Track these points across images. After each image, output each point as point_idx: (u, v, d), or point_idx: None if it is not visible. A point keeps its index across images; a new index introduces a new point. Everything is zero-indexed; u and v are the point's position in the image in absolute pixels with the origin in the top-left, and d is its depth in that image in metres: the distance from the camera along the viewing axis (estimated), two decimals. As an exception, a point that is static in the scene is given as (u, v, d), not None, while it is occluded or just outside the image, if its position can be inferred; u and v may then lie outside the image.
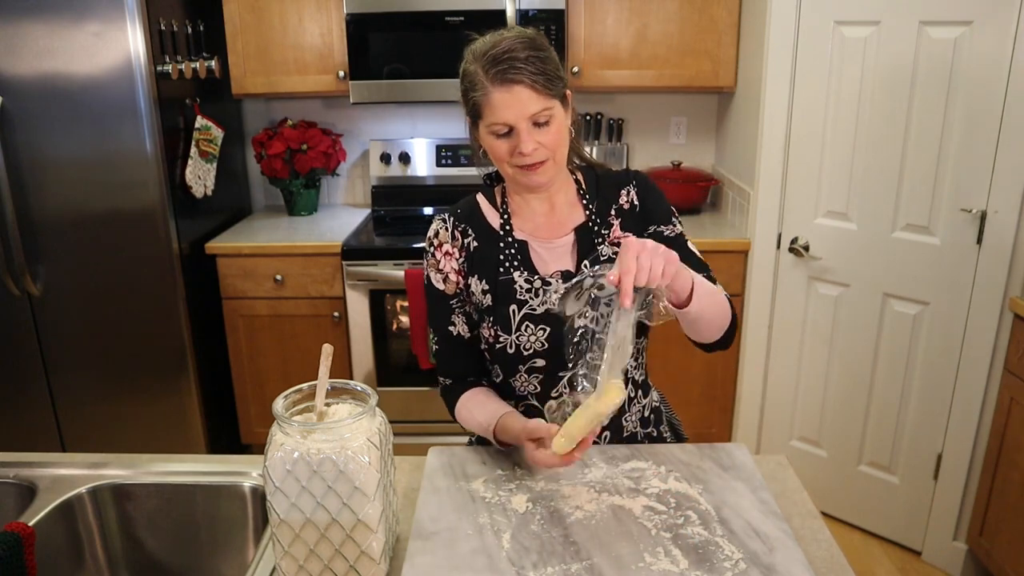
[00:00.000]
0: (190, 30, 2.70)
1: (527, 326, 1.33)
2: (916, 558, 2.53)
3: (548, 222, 1.38)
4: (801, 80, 2.46)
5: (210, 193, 2.80)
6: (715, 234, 2.79)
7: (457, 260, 1.38)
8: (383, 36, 2.80)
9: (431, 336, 1.44)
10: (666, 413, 1.53)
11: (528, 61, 1.20)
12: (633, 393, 1.41)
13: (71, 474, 1.31)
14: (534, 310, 1.33)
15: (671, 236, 1.37)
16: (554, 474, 1.26)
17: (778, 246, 2.64)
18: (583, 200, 1.39)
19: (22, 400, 2.69)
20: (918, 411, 2.43)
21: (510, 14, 2.66)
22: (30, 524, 1.16)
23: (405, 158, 3.18)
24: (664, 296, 1.10)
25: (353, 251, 2.75)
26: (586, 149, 1.50)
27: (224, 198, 3.00)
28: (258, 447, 3.03)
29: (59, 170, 2.47)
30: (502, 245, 1.36)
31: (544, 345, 1.33)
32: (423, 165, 3.20)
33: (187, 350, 2.69)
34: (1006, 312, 2.19)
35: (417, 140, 3.20)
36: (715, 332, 1.28)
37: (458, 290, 1.39)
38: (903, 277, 2.38)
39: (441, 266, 1.39)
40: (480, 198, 1.42)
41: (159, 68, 2.48)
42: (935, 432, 2.41)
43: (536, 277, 1.34)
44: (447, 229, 1.39)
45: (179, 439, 2.76)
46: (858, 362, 2.54)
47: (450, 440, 2.81)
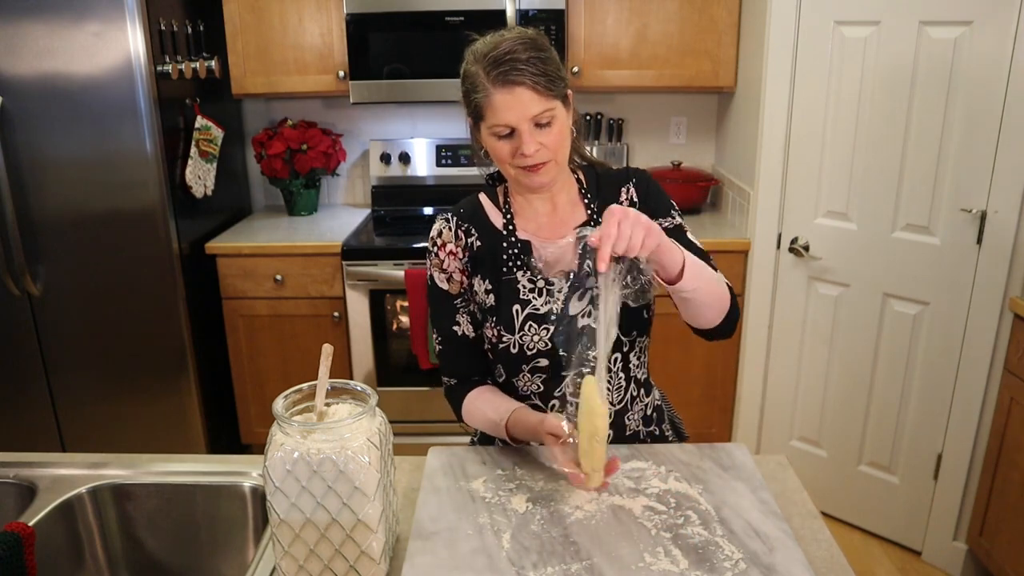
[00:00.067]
0: (190, 30, 2.70)
1: (530, 326, 1.33)
2: (916, 558, 2.53)
3: (551, 222, 1.38)
4: (801, 80, 2.46)
5: (210, 193, 2.80)
6: (715, 234, 2.79)
7: (461, 260, 1.38)
8: (383, 36, 2.80)
9: (434, 336, 1.44)
10: (667, 411, 1.53)
11: (530, 62, 1.20)
12: (636, 392, 1.41)
13: (71, 474, 1.31)
14: (537, 310, 1.32)
15: (669, 228, 1.36)
16: (557, 474, 1.26)
17: (778, 246, 2.64)
18: (585, 199, 1.39)
19: (22, 400, 2.69)
20: (918, 411, 2.43)
21: (510, 14, 2.66)
22: (30, 524, 1.16)
23: (405, 158, 3.18)
24: (650, 271, 1.10)
25: (353, 251, 2.75)
26: (586, 148, 1.49)
27: (224, 198, 3.00)
28: (258, 447, 3.03)
29: (59, 170, 2.47)
30: (505, 245, 1.36)
31: (547, 345, 1.33)
32: (423, 165, 3.20)
33: (187, 350, 2.69)
34: (1006, 312, 2.19)
35: (417, 140, 3.20)
36: (713, 316, 1.26)
37: (462, 290, 1.39)
38: (903, 277, 2.38)
39: (445, 266, 1.38)
40: (483, 198, 1.42)
41: (159, 68, 2.48)
42: (935, 432, 2.41)
43: (539, 277, 1.34)
44: (450, 229, 1.38)
45: (179, 439, 2.76)
46: (858, 362, 2.54)
47: (450, 440, 2.81)
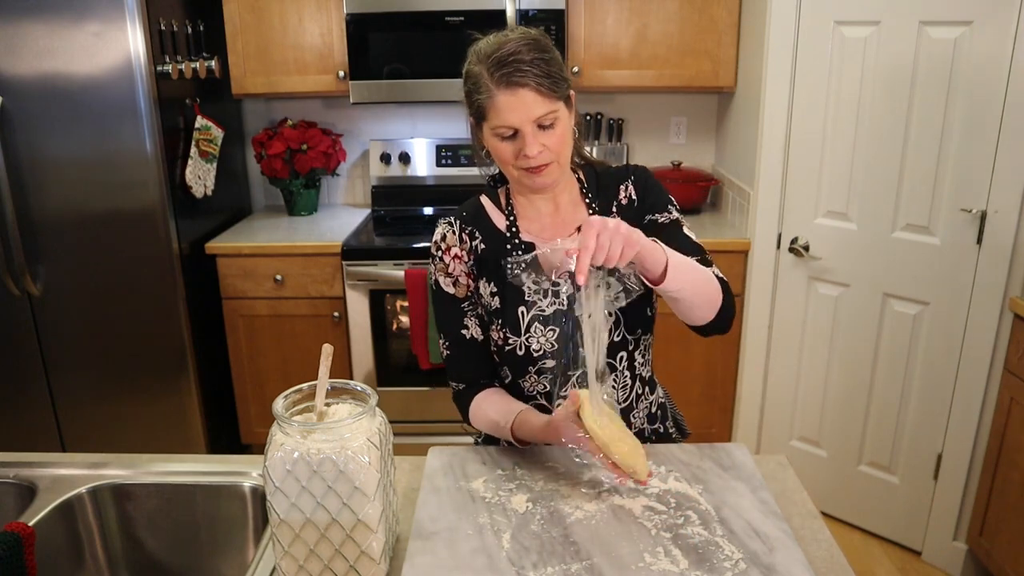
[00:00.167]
0: (190, 30, 2.70)
1: (536, 327, 1.32)
2: (916, 558, 2.53)
3: (553, 223, 1.37)
4: (801, 80, 2.46)
5: (210, 193, 2.80)
6: (715, 234, 2.79)
7: (466, 263, 1.37)
8: (383, 36, 2.80)
9: (441, 342, 1.42)
10: (670, 408, 1.53)
11: (533, 64, 1.19)
12: (641, 390, 1.42)
13: (71, 474, 1.31)
14: (543, 311, 1.32)
15: (665, 222, 1.35)
16: (557, 474, 1.26)
17: (778, 246, 2.64)
18: (586, 199, 1.38)
19: (22, 400, 2.69)
20: (918, 411, 2.43)
21: (510, 14, 2.66)
22: (30, 524, 1.16)
23: (405, 158, 3.18)
24: (629, 275, 1.10)
25: (353, 251, 2.75)
26: (586, 148, 1.49)
27: (224, 198, 3.00)
28: (258, 447, 3.03)
29: (59, 170, 2.47)
30: (509, 247, 1.35)
31: (554, 346, 1.33)
32: (423, 165, 3.20)
33: (187, 350, 2.69)
34: (1006, 312, 2.19)
35: (417, 140, 3.20)
36: (704, 313, 1.24)
37: (469, 293, 1.38)
38: (903, 277, 2.38)
39: (451, 270, 1.37)
40: (484, 200, 1.41)
41: (159, 68, 2.48)
42: (935, 432, 2.41)
43: (544, 278, 1.33)
44: (454, 232, 1.38)
45: (179, 439, 2.76)
46: (858, 362, 2.54)
47: (450, 440, 2.82)
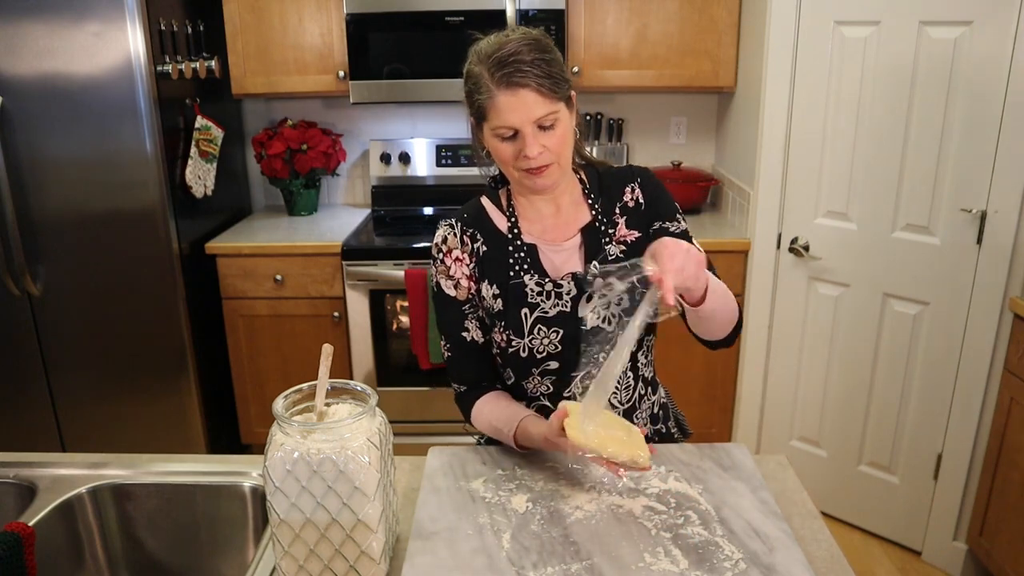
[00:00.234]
0: (190, 30, 2.70)
1: (539, 329, 1.32)
2: (916, 558, 2.53)
3: (555, 224, 1.37)
4: (801, 80, 2.46)
5: (210, 193, 2.80)
6: (715, 234, 2.78)
7: (468, 265, 1.36)
8: (383, 36, 2.80)
9: (442, 343, 1.42)
10: (671, 409, 1.53)
11: (534, 64, 1.19)
12: (643, 390, 1.42)
13: (71, 474, 1.31)
14: (546, 313, 1.32)
15: (677, 233, 1.36)
16: (557, 474, 1.26)
17: (778, 246, 2.64)
18: (588, 200, 1.38)
19: (22, 400, 2.69)
20: (918, 411, 2.43)
21: (510, 14, 2.66)
22: (30, 524, 1.16)
23: (405, 158, 3.18)
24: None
25: (353, 251, 2.75)
26: (587, 148, 1.49)
27: (224, 198, 3.00)
28: (258, 447, 3.03)
29: (59, 170, 2.47)
30: (511, 249, 1.35)
31: (557, 348, 1.32)
32: (423, 165, 3.20)
33: (187, 350, 2.69)
34: (1006, 312, 2.19)
35: (417, 140, 3.20)
36: (724, 330, 1.28)
37: (470, 295, 1.38)
38: (903, 277, 2.38)
39: (452, 272, 1.37)
40: (485, 201, 1.40)
41: (159, 68, 2.48)
42: (935, 432, 2.41)
43: (547, 280, 1.33)
44: (455, 235, 1.37)
45: (179, 439, 2.76)
46: (858, 362, 2.54)
47: (450, 440, 2.82)
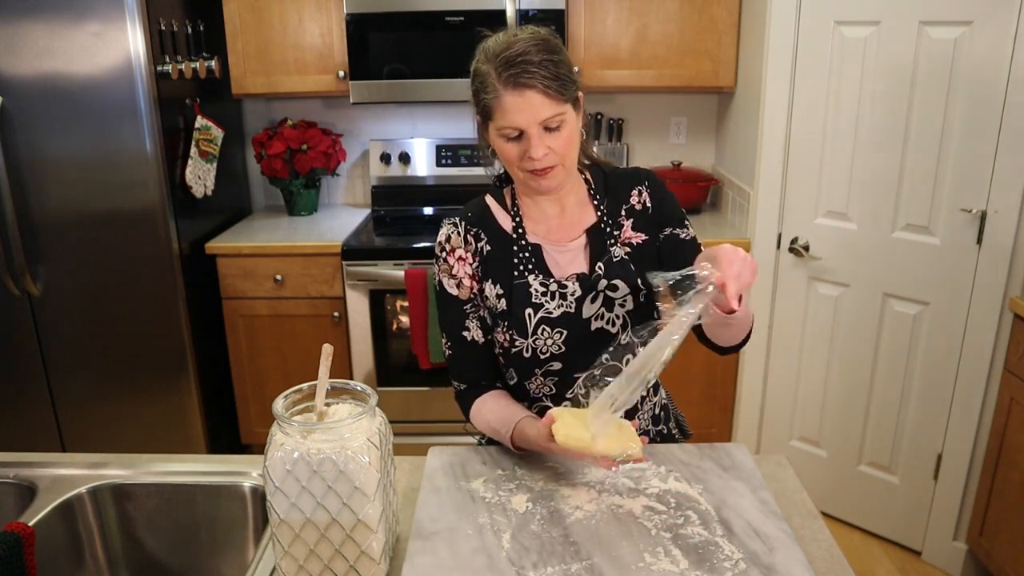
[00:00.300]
0: (190, 30, 2.70)
1: (543, 330, 1.32)
2: (916, 558, 2.53)
3: (560, 224, 1.37)
4: (801, 80, 2.46)
5: (210, 193, 2.80)
6: (715, 234, 2.78)
7: (471, 265, 1.36)
8: (383, 36, 2.80)
9: (444, 341, 1.42)
10: (672, 409, 1.53)
11: (542, 65, 1.18)
12: (645, 392, 1.41)
13: (71, 474, 1.31)
14: (550, 313, 1.31)
15: (686, 239, 1.36)
16: (557, 474, 1.26)
17: (778, 246, 2.64)
18: (594, 200, 1.38)
19: (22, 400, 2.69)
20: (918, 411, 2.43)
21: (510, 14, 2.66)
22: (30, 524, 1.16)
23: (405, 158, 3.18)
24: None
25: (353, 251, 2.75)
26: (593, 148, 1.48)
27: (224, 198, 3.00)
28: (258, 447, 3.03)
29: (59, 170, 2.47)
30: (515, 248, 1.35)
31: (560, 348, 1.32)
32: (423, 165, 3.20)
33: (187, 350, 2.69)
34: (1006, 312, 2.19)
35: (417, 140, 3.20)
36: (740, 336, 1.27)
37: (472, 295, 1.37)
38: (903, 277, 2.38)
39: (455, 272, 1.37)
40: (490, 200, 1.40)
41: (159, 68, 2.48)
42: (935, 432, 2.41)
43: (551, 280, 1.33)
44: (459, 234, 1.37)
45: (179, 439, 2.76)
46: (858, 362, 2.54)
47: (450, 440, 2.82)
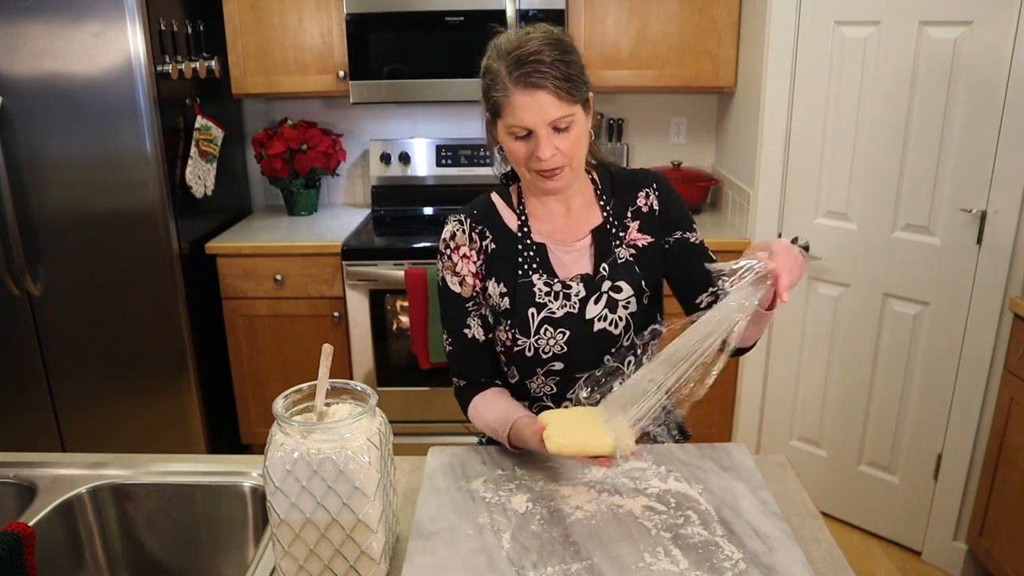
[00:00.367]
0: (190, 30, 2.70)
1: (546, 329, 1.32)
2: (916, 558, 2.53)
3: (565, 224, 1.37)
4: (801, 80, 2.46)
5: (210, 193, 2.80)
6: (715, 234, 2.78)
7: (475, 263, 1.36)
8: (383, 36, 2.80)
9: (444, 337, 1.42)
10: (672, 410, 1.53)
11: (553, 65, 1.17)
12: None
13: (71, 474, 1.31)
14: (553, 313, 1.31)
15: (695, 243, 1.36)
16: (557, 474, 1.26)
17: (778, 246, 2.63)
18: (600, 201, 1.37)
19: (22, 400, 2.69)
20: (918, 411, 2.43)
21: (510, 14, 2.66)
22: (30, 524, 1.16)
23: (405, 158, 3.18)
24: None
25: (353, 251, 2.75)
26: (600, 148, 1.47)
27: (224, 198, 3.00)
28: (258, 447, 3.03)
29: (59, 170, 2.47)
30: (520, 247, 1.35)
31: (563, 348, 1.32)
32: (423, 165, 3.20)
33: (187, 350, 2.69)
34: (1006, 312, 2.19)
35: (417, 140, 3.20)
36: (755, 337, 1.25)
37: (474, 293, 1.37)
38: (903, 277, 2.38)
39: (458, 269, 1.36)
40: (495, 198, 1.40)
41: (159, 68, 2.48)
42: (935, 432, 2.41)
43: (556, 280, 1.33)
44: (464, 231, 1.36)
45: (179, 439, 2.76)
46: (858, 362, 2.54)
47: (450, 440, 2.82)
